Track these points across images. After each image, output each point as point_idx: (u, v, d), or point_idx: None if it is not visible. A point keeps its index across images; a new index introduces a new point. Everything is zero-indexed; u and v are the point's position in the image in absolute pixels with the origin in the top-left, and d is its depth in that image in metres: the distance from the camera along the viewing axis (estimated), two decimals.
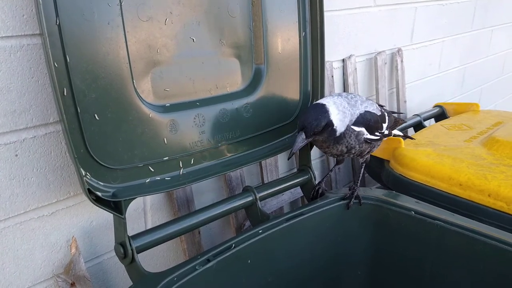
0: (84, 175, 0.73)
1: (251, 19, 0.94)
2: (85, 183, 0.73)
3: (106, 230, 0.95)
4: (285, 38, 1.00)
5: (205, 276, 0.79)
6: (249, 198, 0.97)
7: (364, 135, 0.93)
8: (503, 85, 2.58)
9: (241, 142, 0.98)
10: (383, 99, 1.60)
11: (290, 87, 1.04)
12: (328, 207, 0.99)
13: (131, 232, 0.80)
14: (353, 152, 0.95)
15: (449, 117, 1.66)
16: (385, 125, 0.99)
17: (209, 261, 0.81)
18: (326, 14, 1.04)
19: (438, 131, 1.45)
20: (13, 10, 0.73)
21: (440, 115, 1.68)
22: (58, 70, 0.68)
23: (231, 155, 0.96)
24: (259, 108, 0.99)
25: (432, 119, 1.69)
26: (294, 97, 1.06)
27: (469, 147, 1.28)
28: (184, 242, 1.06)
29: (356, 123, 0.91)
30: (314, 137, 0.88)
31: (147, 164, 0.83)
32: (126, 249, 0.78)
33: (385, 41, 1.59)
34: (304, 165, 1.08)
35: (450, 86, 2.10)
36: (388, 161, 1.29)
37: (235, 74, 0.95)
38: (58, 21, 0.67)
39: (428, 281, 0.96)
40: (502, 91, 2.61)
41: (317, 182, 1.08)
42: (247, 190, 0.98)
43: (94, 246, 0.94)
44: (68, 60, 0.69)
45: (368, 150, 0.98)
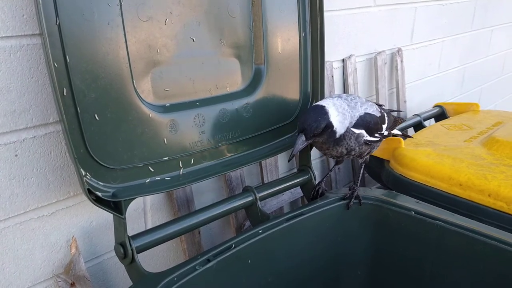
0: (84, 175, 0.73)
1: (251, 19, 0.94)
2: (85, 183, 0.73)
3: (106, 230, 0.95)
4: (285, 38, 1.00)
5: (205, 276, 0.79)
6: (249, 198, 0.97)
7: (364, 137, 0.93)
8: (503, 85, 2.58)
9: (241, 142, 0.98)
10: (383, 99, 1.60)
11: (290, 87, 1.04)
12: (328, 207, 0.99)
13: (131, 232, 0.80)
14: (353, 154, 0.95)
15: (449, 117, 1.66)
16: (384, 126, 0.99)
17: (209, 261, 0.81)
18: (326, 14, 1.04)
19: (438, 131, 1.45)
20: (13, 10, 0.73)
21: (440, 115, 1.68)
22: (58, 70, 0.68)
23: (231, 155, 0.96)
24: (259, 108, 0.99)
25: (432, 119, 1.69)
26: (294, 97, 1.06)
27: (469, 147, 1.28)
28: (184, 242, 1.06)
29: (356, 125, 0.91)
30: (314, 138, 0.88)
31: (147, 164, 0.83)
32: (126, 249, 0.78)
33: (385, 41, 1.59)
34: (304, 165, 1.08)
35: (450, 86, 2.10)
36: (388, 161, 1.29)
37: (235, 74, 0.95)
38: (58, 21, 0.67)
39: (428, 281, 0.96)
40: (502, 91, 2.61)
41: (317, 182, 1.08)
42: (247, 190, 0.98)
43: (94, 246, 0.94)
44: (68, 60, 0.69)
45: (367, 152, 0.98)
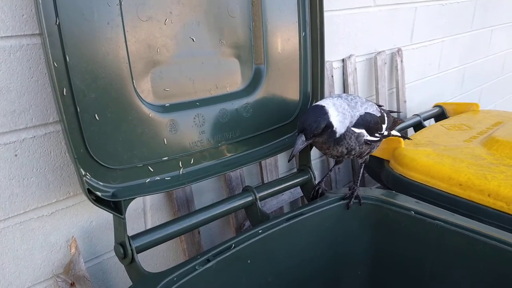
0: (83, 175, 0.73)
1: (251, 19, 0.94)
2: (85, 183, 0.73)
3: (106, 230, 0.95)
4: (285, 38, 1.00)
5: (205, 276, 0.79)
6: (249, 198, 0.97)
7: (364, 136, 0.93)
8: (503, 85, 2.58)
9: (241, 142, 0.97)
10: (383, 99, 1.60)
11: (290, 87, 1.04)
12: (328, 207, 0.99)
13: (130, 232, 0.80)
14: (353, 154, 0.95)
15: (449, 117, 1.66)
16: (384, 126, 0.99)
17: (209, 261, 0.81)
18: (326, 14, 1.04)
19: (438, 131, 1.45)
20: (12, 10, 0.73)
21: (440, 115, 1.68)
22: (58, 70, 0.68)
23: (231, 155, 0.96)
24: (259, 108, 0.99)
25: (432, 119, 1.69)
26: (294, 97, 1.05)
27: (469, 147, 1.28)
28: (184, 242, 1.06)
29: (356, 124, 0.91)
30: (314, 139, 0.88)
31: (146, 164, 0.83)
32: (126, 249, 0.78)
33: (385, 41, 1.59)
34: (304, 165, 1.08)
35: (450, 86, 2.10)
36: (388, 161, 1.29)
37: (235, 74, 0.95)
38: (58, 21, 0.67)
39: (428, 281, 0.96)
40: (502, 91, 2.61)
41: (317, 182, 1.08)
42: (247, 190, 0.98)
43: (94, 246, 0.94)
44: (67, 60, 0.69)
45: (367, 151, 0.98)
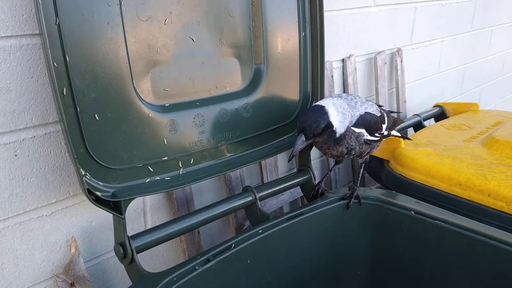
0: (83, 175, 0.73)
1: (251, 19, 0.94)
2: (85, 183, 0.73)
3: (106, 230, 0.95)
4: (285, 38, 1.00)
5: (204, 276, 0.79)
6: (249, 198, 0.97)
7: (364, 136, 0.93)
8: (503, 85, 2.58)
9: (241, 142, 0.97)
10: (383, 99, 1.60)
11: (290, 87, 1.04)
12: (328, 207, 0.99)
13: (130, 232, 0.80)
14: (353, 153, 0.95)
15: (449, 117, 1.66)
16: (384, 126, 0.99)
17: (208, 261, 0.81)
18: (326, 14, 1.04)
19: (438, 131, 1.45)
20: (12, 10, 0.73)
21: (440, 115, 1.68)
22: (58, 70, 0.68)
23: (231, 155, 0.96)
24: (259, 108, 0.99)
25: (432, 119, 1.69)
26: (294, 97, 1.05)
27: (469, 147, 1.28)
28: (183, 242, 1.06)
29: (356, 124, 0.91)
30: (314, 138, 0.88)
31: (146, 164, 0.83)
32: (125, 249, 0.78)
33: (385, 41, 1.59)
34: (303, 165, 1.08)
35: (449, 86, 2.10)
36: (388, 161, 1.28)
37: (235, 74, 0.95)
38: (58, 21, 0.67)
39: (428, 281, 0.96)
40: (502, 91, 2.61)
41: (317, 182, 1.08)
42: (246, 190, 0.98)
43: (94, 246, 0.94)
44: (67, 60, 0.69)
45: (367, 151, 0.98)
